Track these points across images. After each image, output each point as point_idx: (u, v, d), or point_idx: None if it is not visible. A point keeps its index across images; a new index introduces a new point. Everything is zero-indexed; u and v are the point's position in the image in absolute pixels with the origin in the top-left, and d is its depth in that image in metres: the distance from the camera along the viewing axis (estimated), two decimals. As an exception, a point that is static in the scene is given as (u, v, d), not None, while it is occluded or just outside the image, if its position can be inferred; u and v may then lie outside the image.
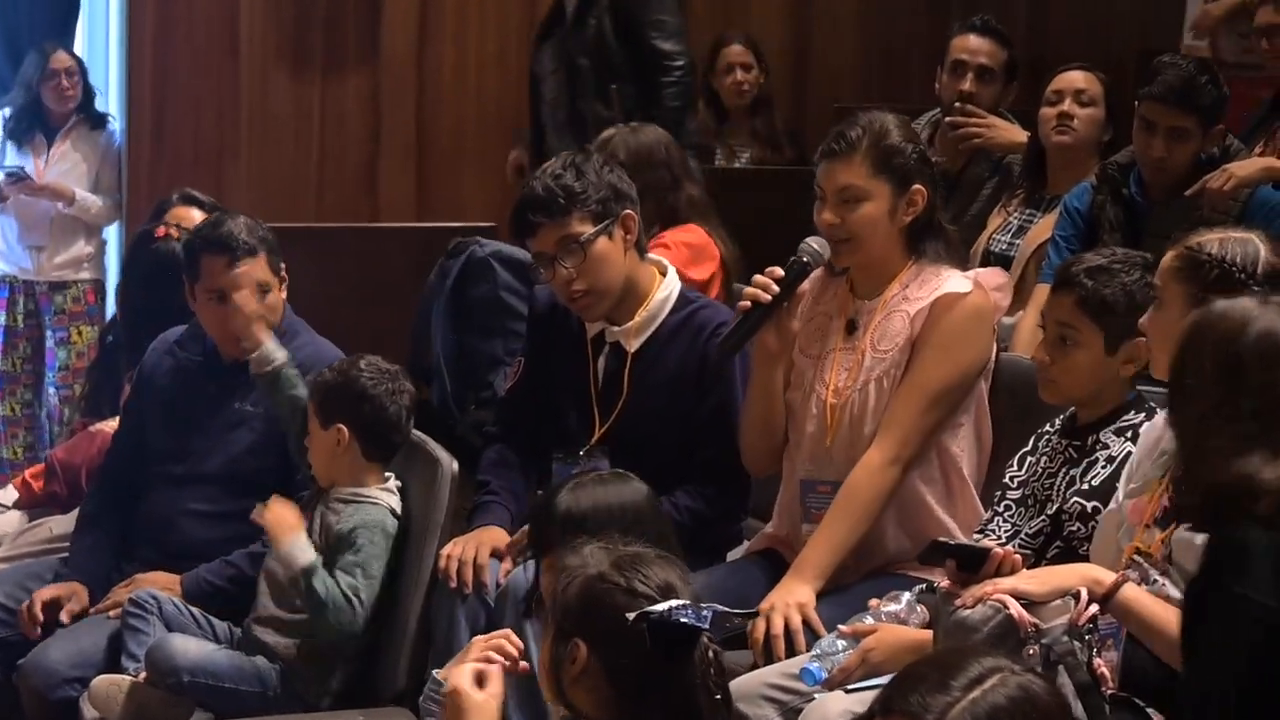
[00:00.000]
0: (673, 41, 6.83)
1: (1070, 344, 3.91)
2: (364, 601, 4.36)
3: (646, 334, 4.56)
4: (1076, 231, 5.46)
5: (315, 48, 8.27)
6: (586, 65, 6.87)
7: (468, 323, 5.82)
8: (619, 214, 4.51)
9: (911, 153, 4.26)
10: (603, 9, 6.88)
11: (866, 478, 4.17)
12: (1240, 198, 5.26)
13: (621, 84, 6.82)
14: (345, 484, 4.49)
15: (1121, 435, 3.88)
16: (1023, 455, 4.06)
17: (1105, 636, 3.34)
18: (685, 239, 5.66)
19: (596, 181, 4.49)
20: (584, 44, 6.89)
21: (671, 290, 4.61)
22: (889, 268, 4.29)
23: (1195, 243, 3.56)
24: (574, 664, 2.93)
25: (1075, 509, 3.81)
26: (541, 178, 4.51)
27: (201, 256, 4.75)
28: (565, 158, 4.58)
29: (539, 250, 4.52)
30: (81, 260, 8.05)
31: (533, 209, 4.50)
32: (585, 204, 4.46)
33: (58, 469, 5.27)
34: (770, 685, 3.81)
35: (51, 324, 8.00)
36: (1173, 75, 5.33)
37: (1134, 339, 3.86)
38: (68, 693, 4.44)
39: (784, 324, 4.26)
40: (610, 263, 4.49)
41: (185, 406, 4.83)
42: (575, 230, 4.45)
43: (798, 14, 8.96)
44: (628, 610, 2.92)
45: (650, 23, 6.83)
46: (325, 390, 4.49)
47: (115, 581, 4.72)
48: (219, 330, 4.77)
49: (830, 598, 4.08)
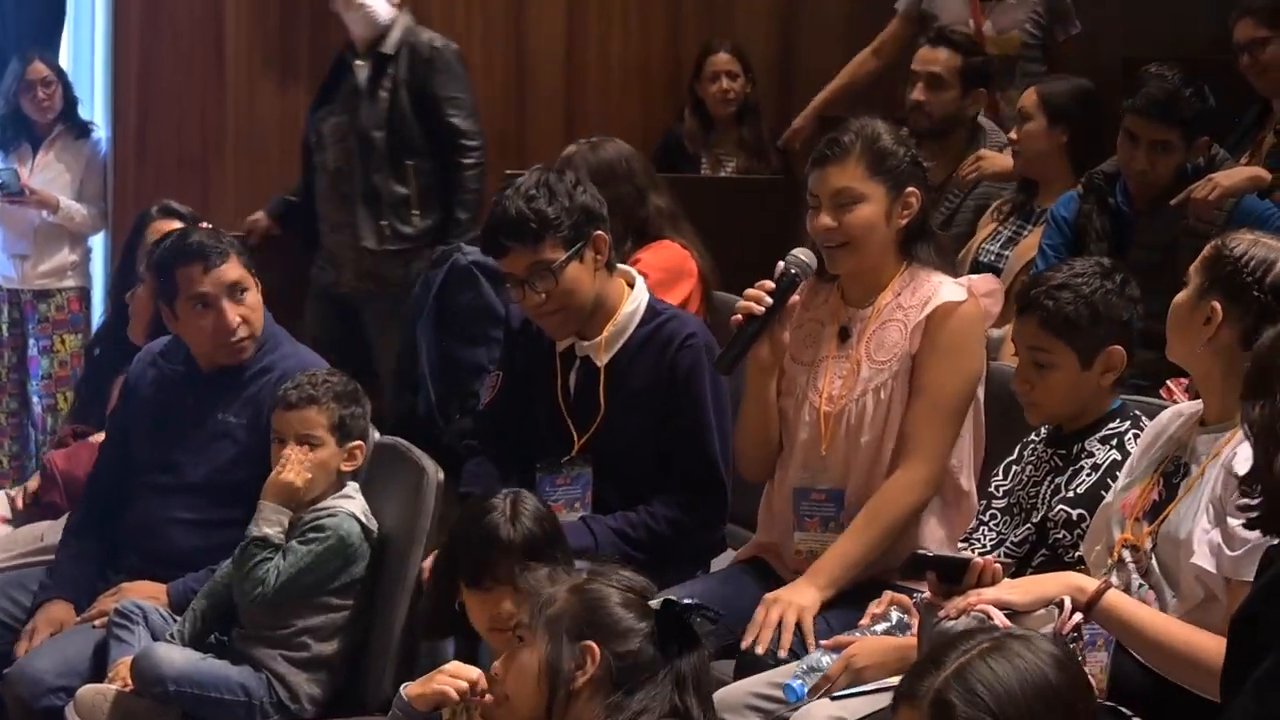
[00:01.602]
0: (469, 120, 6.92)
1: (1045, 366, 3.90)
2: (277, 589, 4.37)
3: (616, 348, 4.56)
4: (1064, 240, 5.48)
5: (301, 54, 8.24)
6: (380, 139, 6.87)
7: (452, 331, 5.81)
8: (590, 236, 4.50)
9: (904, 156, 4.27)
10: (398, 82, 6.90)
11: (899, 495, 4.17)
12: (1225, 207, 5.28)
13: (418, 160, 6.86)
14: (328, 495, 4.51)
15: (1106, 443, 3.87)
16: (1008, 464, 4.06)
17: (1095, 638, 3.36)
18: (660, 261, 5.63)
19: (569, 205, 4.48)
20: (377, 117, 6.89)
21: (640, 302, 4.60)
22: (882, 273, 4.29)
23: (1231, 239, 3.56)
24: (585, 670, 3.04)
25: (1060, 516, 3.81)
26: (513, 199, 4.49)
27: (176, 270, 4.76)
28: (537, 177, 4.54)
29: (510, 272, 4.52)
30: (66, 269, 8.03)
31: (504, 233, 4.48)
32: (557, 229, 4.45)
33: (57, 477, 5.28)
34: (755, 694, 3.82)
35: (35, 332, 7.98)
36: (1156, 88, 5.34)
37: (1107, 348, 3.86)
38: (53, 702, 4.43)
39: (776, 335, 4.26)
40: (581, 285, 4.50)
41: (168, 417, 4.83)
42: (547, 256, 4.45)
43: (784, 22, 8.95)
44: (625, 609, 3.04)
45: (447, 99, 6.90)
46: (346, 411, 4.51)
47: (101, 590, 4.72)
48: (206, 338, 4.76)
49: (827, 609, 4.09)
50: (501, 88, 8.66)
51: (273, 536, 4.39)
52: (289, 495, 4.43)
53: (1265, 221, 5.22)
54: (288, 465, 4.42)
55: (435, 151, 6.89)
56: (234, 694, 4.35)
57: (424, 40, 6.97)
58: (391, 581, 4.48)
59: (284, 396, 4.52)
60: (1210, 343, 3.50)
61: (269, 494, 4.43)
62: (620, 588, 3.17)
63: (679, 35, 8.82)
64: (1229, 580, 3.29)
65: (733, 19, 8.78)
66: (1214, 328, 3.49)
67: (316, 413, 4.47)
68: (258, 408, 4.71)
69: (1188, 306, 3.56)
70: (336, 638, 4.46)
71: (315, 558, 4.40)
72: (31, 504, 5.34)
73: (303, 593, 4.41)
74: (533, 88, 8.72)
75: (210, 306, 4.71)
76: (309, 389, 4.50)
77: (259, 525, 4.40)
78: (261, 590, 4.37)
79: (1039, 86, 6.02)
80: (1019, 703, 2.41)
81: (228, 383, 4.79)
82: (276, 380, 4.69)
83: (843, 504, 4.24)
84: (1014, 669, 2.44)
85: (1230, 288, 3.49)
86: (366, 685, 4.48)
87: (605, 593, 3.14)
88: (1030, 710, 2.41)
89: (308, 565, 4.39)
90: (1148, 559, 3.50)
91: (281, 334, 4.91)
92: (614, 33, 8.83)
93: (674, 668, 3.09)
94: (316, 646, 4.43)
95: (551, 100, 8.75)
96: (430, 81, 6.89)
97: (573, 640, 3.07)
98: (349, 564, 4.45)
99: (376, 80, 6.92)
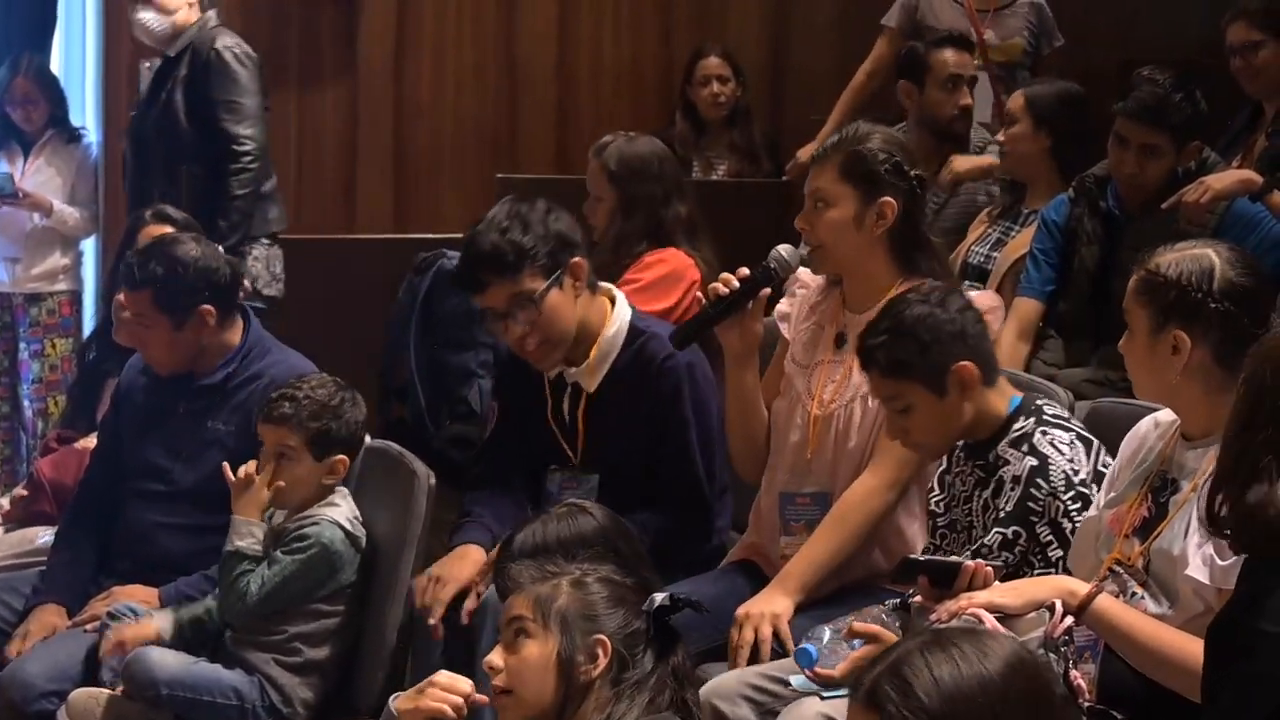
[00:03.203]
0: (245, 125, 6.67)
1: (906, 410, 3.82)
2: (261, 599, 4.37)
3: (602, 372, 4.53)
4: (1055, 245, 5.48)
5: (292, 61, 8.25)
6: (155, 143, 6.74)
7: (439, 336, 5.81)
8: (568, 263, 4.45)
9: (884, 162, 4.23)
10: (175, 85, 6.74)
11: (861, 499, 4.17)
12: (1217, 210, 5.27)
13: (189, 165, 6.67)
14: (311, 504, 4.51)
15: (1017, 447, 3.78)
16: (940, 474, 3.99)
17: (1083, 649, 3.34)
18: (654, 269, 5.60)
19: (544, 233, 4.42)
20: (153, 121, 6.76)
21: (621, 323, 4.56)
22: (877, 281, 4.27)
23: (1154, 264, 3.49)
24: (598, 663, 3.14)
25: (996, 540, 3.72)
26: (486, 233, 4.43)
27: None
28: (509, 208, 4.47)
29: (489, 306, 4.48)
30: (57, 272, 8.03)
31: (482, 267, 4.43)
32: (535, 259, 4.40)
33: (45, 486, 5.27)
34: (749, 685, 3.84)
35: (26, 336, 7.97)
36: (1146, 92, 5.34)
37: (952, 367, 3.77)
38: (45, 706, 4.43)
39: (747, 325, 4.26)
40: (563, 313, 4.45)
41: (159, 424, 4.85)
42: (527, 287, 4.40)
43: (775, 26, 8.96)
44: (622, 605, 3.14)
45: (223, 104, 6.68)
46: (321, 426, 4.49)
47: (93, 594, 4.72)
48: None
49: (808, 611, 4.08)
50: (493, 91, 8.67)
51: (246, 549, 4.38)
52: (255, 507, 4.42)
53: (1256, 224, 5.24)
54: (244, 482, 4.42)
55: (210, 157, 6.69)
56: (226, 698, 4.35)
57: (209, 43, 6.77)
58: (383, 586, 4.48)
59: (265, 408, 4.51)
60: (1186, 370, 3.44)
61: (235, 508, 4.43)
62: (617, 583, 3.24)
63: (670, 39, 8.83)
64: (1220, 590, 3.29)
65: (724, 23, 8.80)
66: (1185, 355, 3.43)
67: (289, 431, 4.46)
68: (246, 415, 4.70)
69: (1145, 346, 3.49)
70: (328, 643, 4.45)
71: (299, 565, 4.39)
72: (21, 512, 5.33)
73: (289, 601, 4.41)
74: (524, 91, 8.72)
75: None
76: (286, 406, 4.46)
77: (232, 540, 4.40)
78: (243, 603, 4.37)
79: (1025, 90, 6.04)
80: (955, 700, 2.34)
81: (217, 390, 4.81)
82: (265, 387, 4.70)
83: (827, 507, 4.23)
84: (954, 667, 2.36)
85: (1184, 311, 3.43)
86: (358, 689, 4.48)
87: (608, 588, 3.21)
88: (969, 709, 2.34)
89: (292, 574, 4.39)
90: (1142, 576, 3.48)
91: (269, 340, 4.92)
92: (605, 36, 8.84)
93: (670, 662, 3.19)
94: (309, 651, 4.43)
95: (543, 104, 8.76)
96: (207, 85, 6.70)
97: (585, 634, 3.14)
98: (335, 571, 4.44)
99: (159, 84, 6.84)
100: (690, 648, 3.36)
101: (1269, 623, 2.68)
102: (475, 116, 8.65)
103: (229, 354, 4.84)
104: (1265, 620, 2.69)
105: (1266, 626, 2.68)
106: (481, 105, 8.65)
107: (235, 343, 4.85)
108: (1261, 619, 2.69)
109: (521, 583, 3.24)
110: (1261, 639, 2.68)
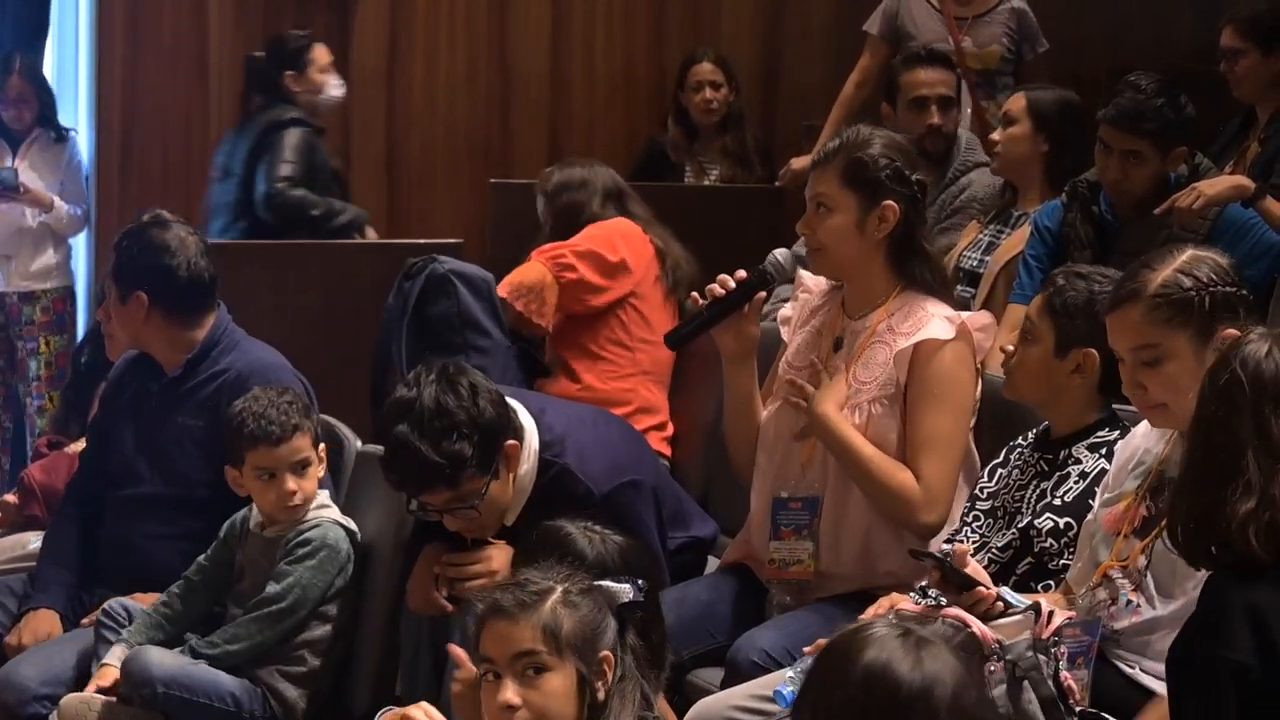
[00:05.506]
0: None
1: (1029, 341, 3.97)
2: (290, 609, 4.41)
3: (519, 508, 4.26)
4: (1048, 250, 5.47)
5: (285, 65, 8.25)
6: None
7: (430, 341, 5.81)
8: (503, 449, 4.15)
9: (885, 167, 4.23)
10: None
11: (904, 479, 4.12)
12: (1209, 216, 5.27)
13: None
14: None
15: (1095, 451, 3.88)
16: (993, 467, 4.07)
17: (1075, 655, 3.35)
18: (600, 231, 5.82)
19: (475, 434, 4.06)
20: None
21: (531, 451, 4.25)
22: (875, 287, 4.28)
23: (1159, 286, 3.47)
24: (607, 679, 3.14)
25: (1047, 525, 3.81)
26: (415, 442, 4.02)
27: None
28: (432, 403, 4.05)
29: (427, 502, 4.17)
30: (50, 270, 8.02)
31: (418, 484, 4.12)
32: (471, 463, 4.06)
33: (36, 490, 5.27)
34: (735, 707, 3.81)
35: (23, 334, 7.97)
36: (1127, 99, 5.32)
37: (1084, 348, 3.87)
38: (38, 710, 4.42)
39: (743, 328, 4.28)
40: (502, 498, 4.19)
41: (132, 418, 4.85)
42: (467, 490, 4.09)
43: (768, 32, 8.97)
44: (601, 610, 3.18)
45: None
46: (315, 418, 4.52)
47: (83, 603, 4.73)
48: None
49: (794, 621, 4.09)
50: (485, 98, 8.68)
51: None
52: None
53: (1248, 230, 5.23)
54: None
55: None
56: (223, 702, 4.34)
57: None
58: (374, 591, 4.49)
59: (263, 434, 4.42)
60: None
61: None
62: (591, 590, 3.21)
63: (663, 45, 8.84)
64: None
65: (717, 29, 8.81)
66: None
67: (302, 436, 4.46)
68: (214, 410, 4.68)
69: (1197, 363, 3.38)
70: (327, 649, 4.46)
71: (311, 571, 4.41)
72: (14, 516, 5.32)
73: (312, 606, 4.42)
74: (517, 97, 8.73)
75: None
76: (286, 417, 4.44)
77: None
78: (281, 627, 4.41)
79: (1027, 92, 6.01)
80: (843, 690, 2.45)
81: (182, 384, 4.79)
82: (231, 382, 4.70)
83: (817, 511, 4.23)
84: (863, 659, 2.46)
85: (1227, 311, 3.46)
86: (350, 695, 4.49)
87: (590, 599, 3.19)
88: (858, 702, 2.42)
89: (309, 581, 4.41)
90: (1141, 575, 3.49)
91: (238, 333, 4.90)
92: (598, 43, 8.85)
93: (631, 647, 3.23)
94: (312, 660, 4.44)
95: (536, 111, 8.77)
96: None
97: (593, 654, 3.13)
98: (341, 569, 4.46)
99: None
100: (684, 653, 3.35)
101: (1225, 648, 2.72)
102: (468, 122, 8.65)
103: (193, 348, 4.81)
104: (1222, 646, 2.73)
105: (1225, 653, 2.72)
106: (474, 111, 8.65)
107: (200, 338, 4.81)
108: (1218, 645, 2.74)
109: (506, 608, 3.14)
110: (1222, 665, 2.72)
